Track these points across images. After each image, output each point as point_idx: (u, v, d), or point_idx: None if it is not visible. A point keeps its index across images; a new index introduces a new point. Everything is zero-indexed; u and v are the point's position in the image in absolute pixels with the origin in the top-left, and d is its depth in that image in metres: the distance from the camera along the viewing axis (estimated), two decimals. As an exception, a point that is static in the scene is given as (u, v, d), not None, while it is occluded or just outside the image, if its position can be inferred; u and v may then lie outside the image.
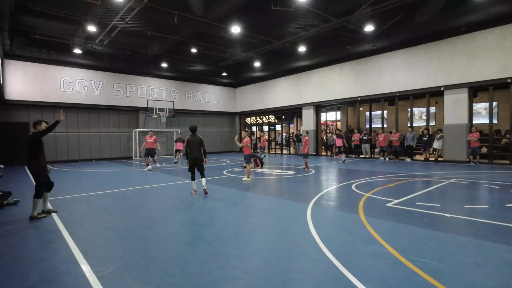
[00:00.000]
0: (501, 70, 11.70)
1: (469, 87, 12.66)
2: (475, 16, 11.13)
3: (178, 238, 4.23)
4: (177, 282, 2.91)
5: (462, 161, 12.84)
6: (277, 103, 21.25)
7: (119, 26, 11.44)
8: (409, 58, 14.34)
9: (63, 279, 3.01)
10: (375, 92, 15.73)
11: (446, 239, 3.91)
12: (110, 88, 18.06)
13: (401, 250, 3.56)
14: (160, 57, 16.01)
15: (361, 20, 11.24)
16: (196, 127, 7.39)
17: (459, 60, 12.78)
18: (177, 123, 21.22)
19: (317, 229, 4.39)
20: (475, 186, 7.73)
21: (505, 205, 5.61)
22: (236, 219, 5.10)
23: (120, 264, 3.34)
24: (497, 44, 11.76)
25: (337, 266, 3.16)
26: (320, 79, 18.37)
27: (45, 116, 16.11)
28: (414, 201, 5.99)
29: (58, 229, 4.60)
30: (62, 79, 16.33)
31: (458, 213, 5.13)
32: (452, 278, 2.88)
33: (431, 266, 3.12)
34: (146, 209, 5.89)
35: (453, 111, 13.10)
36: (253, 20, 11.49)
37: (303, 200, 6.39)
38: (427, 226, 4.45)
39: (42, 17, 10.73)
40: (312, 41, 13.75)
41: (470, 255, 3.42)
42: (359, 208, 5.54)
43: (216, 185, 8.58)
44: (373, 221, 4.74)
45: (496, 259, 3.31)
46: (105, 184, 8.90)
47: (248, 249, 3.72)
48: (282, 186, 8.52)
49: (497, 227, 4.35)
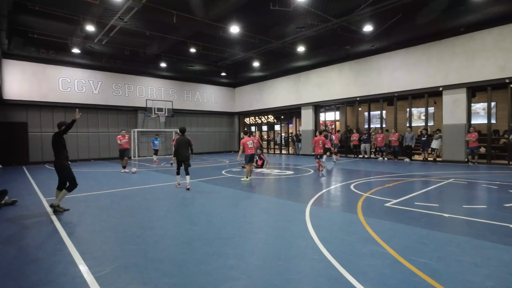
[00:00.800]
0: (500, 70, 11.72)
1: (468, 87, 12.69)
2: (474, 16, 11.14)
3: (176, 238, 4.21)
4: (175, 282, 2.90)
5: (460, 161, 12.86)
6: (276, 103, 21.25)
7: (118, 26, 11.42)
8: (408, 58, 14.36)
9: (60, 279, 3.00)
10: (374, 92, 15.74)
11: (445, 239, 3.91)
12: (109, 88, 18.03)
13: (400, 250, 3.55)
14: (159, 56, 16.00)
15: (360, 20, 11.26)
16: (185, 128, 8.30)
17: (458, 60, 12.81)
18: (176, 123, 21.19)
19: (315, 229, 4.39)
20: (473, 186, 7.74)
21: (504, 205, 5.62)
22: (235, 219, 5.09)
23: (118, 264, 3.32)
24: (496, 44, 11.79)
25: (336, 267, 3.15)
26: (319, 79, 18.38)
27: (43, 116, 16.09)
28: (413, 201, 5.99)
29: (56, 229, 4.58)
30: (60, 79, 16.29)
31: (456, 213, 5.14)
32: (450, 278, 2.87)
33: (429, 266, 3.12)
34: (144, 209, 5.87)
35: (451, 111, 13.12)
36: (252, 20, 11.50)
37: (302, 200, 6.38)
38: (426, 226, 4.45)
39: (40, 17, 10.70)
40: (311, 41, 13.76)
41: (468, 255, 3.42)
42: (358, 208, 5.53)
43: (215, 185, 8.57)
44: (372, 221, 4.73)
45: (495, 259, 3.31)
46: (103, 184, 8.88)
47: (246, 249, 3.71)
48: (281, 186, 8.51)
49: (496, 227, 4.36)
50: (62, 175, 5.62)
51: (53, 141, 5.60)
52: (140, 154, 19.43)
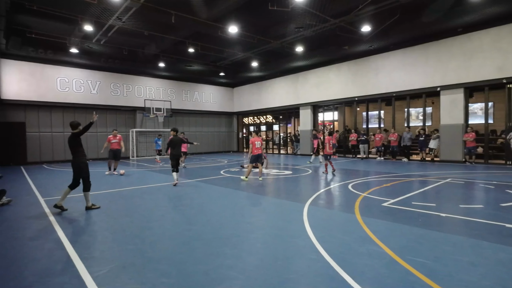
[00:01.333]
0: (497, 71, 11.78)
1: (465, 87, 12.76)
2: (471, 17, 11.20)
3: (174, 238, 4.22)
4: (173, 282, 2.91)
5: (458, 161, 12.92)
6: (275, 103, 21.28)
7: (116, 26, 11.40)
8: (406, 59, 14.41)
9: (57, 279, 3.00)
10: (372, 92, 15.78)
11: (442, 239, 3.93)
12: (107, 88, 18.00)
13: (397, 249, 3.57)
14: (158, 56, 15.97)
15: (358, 21, 11.28)
16: (177, 128, 9.27)
17: (455, 60, 12.86)
18: (174, 123, 21.17)
19: (313, 229, 4.40)
20: (470, 186, 7.78)
21: (500, 205, 5.65)
22: (233, 219, 5.10)
23: (116, 264, 3.33)
24: (493, 44, 11.85)
25: (333, 266, 3.17)
26: (317, 79, 18.41)
27: (41, 116, 16.05)
28: (410, 201, 6.01)
29: (54, 230, 4.58)
30: (58, 79, 16.26)
31: (453, 212, 5.16)
32: (447, 277, 2.90)
33: (426, 266, 3.14)
34: (143, 209, 5.88)
35: (449, 111, 13.18)
36: (250, 20, 11.50)
37: (300, 200, 6.40)
38: (423, 226, 4.47)
39: (38, 16, 10.67)
40: (309, 41, 13.78)
41: (465, 254, 3.44)
42: (355, 208, 5.55)
43: (214, 185, 8.58)
44: (369, 220, 4.75)
45: (491, 258, 3.33)
46: (101, 184, 8.86)
47: (244, 249, 3.72)
48: (279, 186, 8.52)
49: (492, 227, 4.38)
50: (79, 172, 5.73)
51: (70, 142, 5.74)
52: (139, 154, 19.41)
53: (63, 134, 16.59)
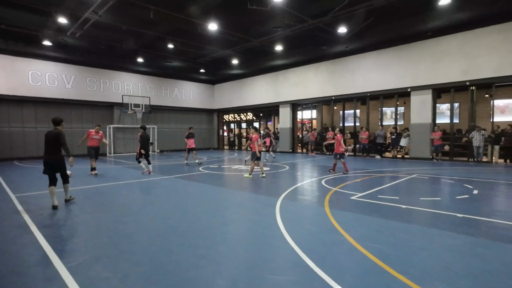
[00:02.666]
0: (462, 74, 12.56)
1: (433, 88, 13.50)
2: (440, 22, 11.84)
3: (149, 231, 4.34)
4: (145, 270, 3.05)
5: (426, 158, 13.68)
6: (255, 100, 21.48)
7: (92, 19, 11.16)
8: (381, 60, 15.01)
9: (32, 270, 3.07)
10: (348, 92, 16.33)
11: (399, 228, 4.29)
12: (83, 83, 17.51)
13: (358, 238, 3.88)
14: (136, 52, 15.73)
15: (335, 22, 11.65)
16: (145, 126, 10.41)
17: (425, 62, 13.56)
18: (153, 120, 20.93)
19: (284, 221, 4.65)
20: (433, 181, 8.35)
21: (456, 197, 6.16)
22: (209, 213, 5.27)
23: (90, 255, 3.42)
24: (460, 48, 12.60)
25: (298, 253, 3.42)
26: (296, 78, 18.78)
27: (11, 110, 15.42)
28: (377, 195, 6.42)
29: (26, 224, 4.56)
30: (30, 72, 15.65)
31: (413, 204, 5.59)
32: (398, 260, 3.22)
33: (382, 252, 3.45)
34: (118, 204, 5.92)
35: (418, 111, 13.90)
36: (230, 18, 11.60)
37: (275, 194, 6.65)
38: (384, 216, 4.84)
39: (9, 7, 10.27)
40: (288, 41, 14.06)
41: (418, 241, 3.81)
42: (326, 202, 5.87)
43: (192, 181, 8.68)
44: (337, 213, 5.07)
45: (439, 243, 3.72)
46: (77, 181, 8.73)
47: (217, 240, 3.91)
48: (256, 181, 8.75)
49: (445, 216, 4.82)
50: (62, 168, 5.90)
51: (55, 139, 5.81)
52: (117, 151, 19.05)
53: (36, 129, 16.01)
